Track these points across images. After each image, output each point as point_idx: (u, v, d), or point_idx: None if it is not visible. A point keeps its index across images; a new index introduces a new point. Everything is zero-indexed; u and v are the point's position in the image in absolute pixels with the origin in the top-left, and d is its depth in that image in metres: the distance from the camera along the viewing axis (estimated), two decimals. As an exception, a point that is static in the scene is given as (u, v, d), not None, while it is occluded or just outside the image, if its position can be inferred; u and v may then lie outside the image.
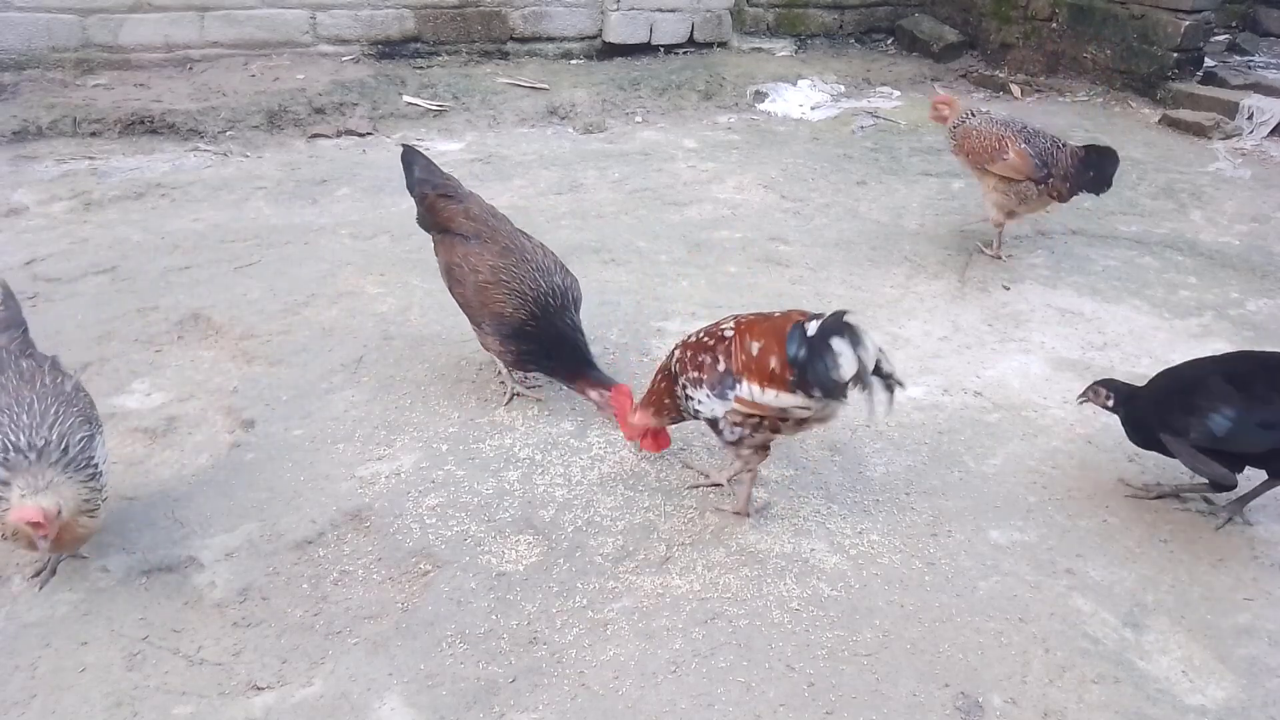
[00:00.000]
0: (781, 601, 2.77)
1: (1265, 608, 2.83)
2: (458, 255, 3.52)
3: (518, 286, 3.39)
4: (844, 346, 2.55)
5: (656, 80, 8.03)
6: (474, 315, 3.54)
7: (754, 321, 2.82)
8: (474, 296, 3.46)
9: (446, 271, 3.60)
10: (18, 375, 2.65)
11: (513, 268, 3.43)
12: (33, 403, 2.54)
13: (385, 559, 2.87)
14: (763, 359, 2.69)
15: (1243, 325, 4.54)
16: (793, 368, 2.63)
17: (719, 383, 2.78)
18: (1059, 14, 8.79)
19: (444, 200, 3.67)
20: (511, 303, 3.38)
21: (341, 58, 7.73)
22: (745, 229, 5.40)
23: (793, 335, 2.64)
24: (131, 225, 5.05)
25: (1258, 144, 7.15)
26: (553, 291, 3.42)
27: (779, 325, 2.72)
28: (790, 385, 2.65)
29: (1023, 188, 4.81)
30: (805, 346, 2.61)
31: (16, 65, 6.79)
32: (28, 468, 2.41)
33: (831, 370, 2.55)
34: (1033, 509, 3.22)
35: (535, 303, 3.38)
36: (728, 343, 2.80)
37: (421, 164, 3.81)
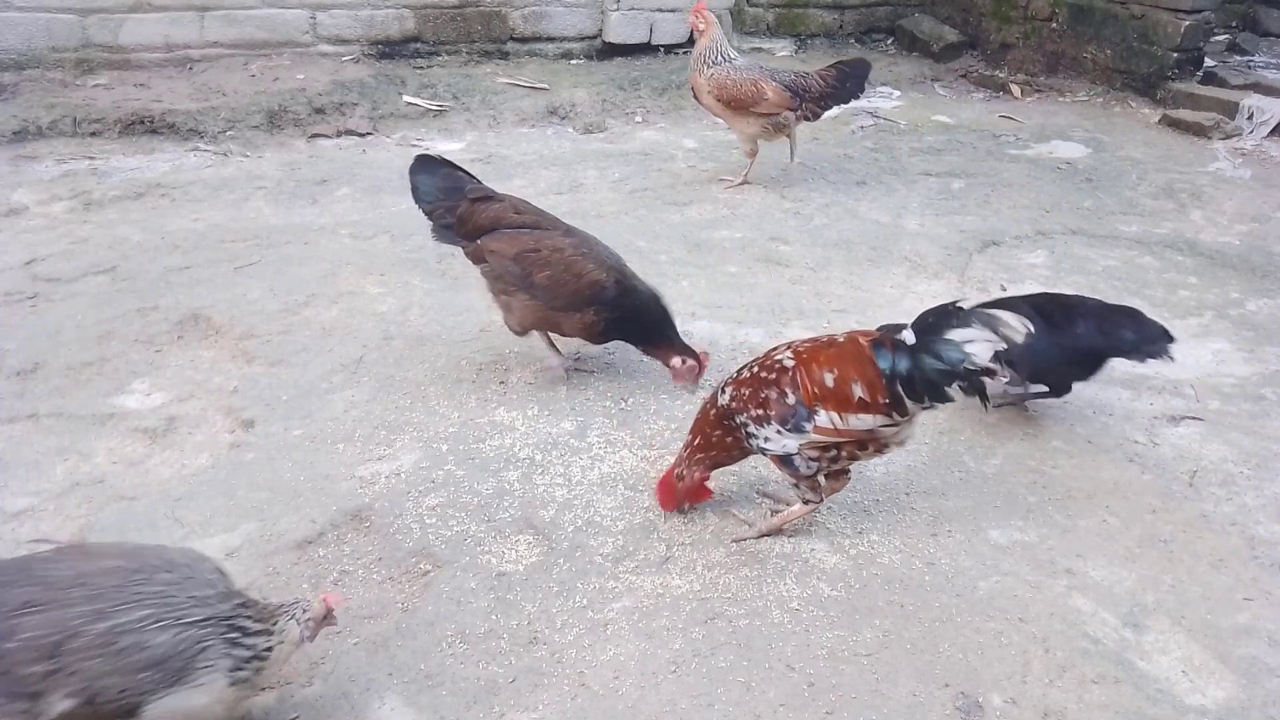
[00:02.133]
0: (781, 601, 2.77)
1: (1265, 608, 2.83)
2: (529, 242, 3.54)
3: (598, 257, 3.56)
4: (968, 334, 2.53)
5: (656, 80, 8.03)
6: (559, 296, 3.52)
7: (815, 349, 2.77)
8: (565, 273, 3.49)
9: (517, 259, 3.53)
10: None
11: (586, 243, 3.58)
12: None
13: (385, 559, 2.87)
14: (842, 388, 2.66)
15: (1242, 325, 4.54)
16: (891, 383, 2.62)
17: (790, 416, 2.72)
18: (1059, 14, 8.79)
19: (484, 203, 3.64)
20: (603, 270, 3.52)
21: (341, 58, 7.73)
22: (745, 229, 5.40)
23: (881, 354, 2.64)
24: (131, 225, 5.05)
25: (1258, 144, 7.15)
26: (622, 264, 3.64)
27: (850, 350, 2.71)
28: (884, 405, 2.64)
29: (781, 118, 5.59)
30: (907, 357, 2.60)
31: (16, 65, 6.79)
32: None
33: (962, 362, 2.52)
34: (1033, 509, 3.22)
35: (618, 270, 3.56)
36: (791, 373, 2.74)
37: (441, 171, 3.70)
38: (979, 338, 2.53)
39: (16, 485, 3.11)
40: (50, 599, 2.00)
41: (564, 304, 3.54)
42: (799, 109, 5.54)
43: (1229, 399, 3.92)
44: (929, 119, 7.76)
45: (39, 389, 3.62)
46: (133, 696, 2.00)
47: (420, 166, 3.72)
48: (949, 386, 2.59)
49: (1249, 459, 3.53)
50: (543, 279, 3.52)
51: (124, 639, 1.99)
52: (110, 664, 1.98)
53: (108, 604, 2.01)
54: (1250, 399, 3.93)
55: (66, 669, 1.95)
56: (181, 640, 2.03)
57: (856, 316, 4.44)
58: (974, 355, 2.53)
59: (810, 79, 5.54)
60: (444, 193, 3.68)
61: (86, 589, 2.02)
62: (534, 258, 3.53)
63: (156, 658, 2.00)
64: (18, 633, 1.95)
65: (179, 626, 2.04)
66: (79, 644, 1.96)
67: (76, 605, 1.99)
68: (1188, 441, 3.63)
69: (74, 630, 1.97)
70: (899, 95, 8.41)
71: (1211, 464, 3.49)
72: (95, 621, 1.98)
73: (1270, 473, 3.45)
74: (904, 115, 7.80)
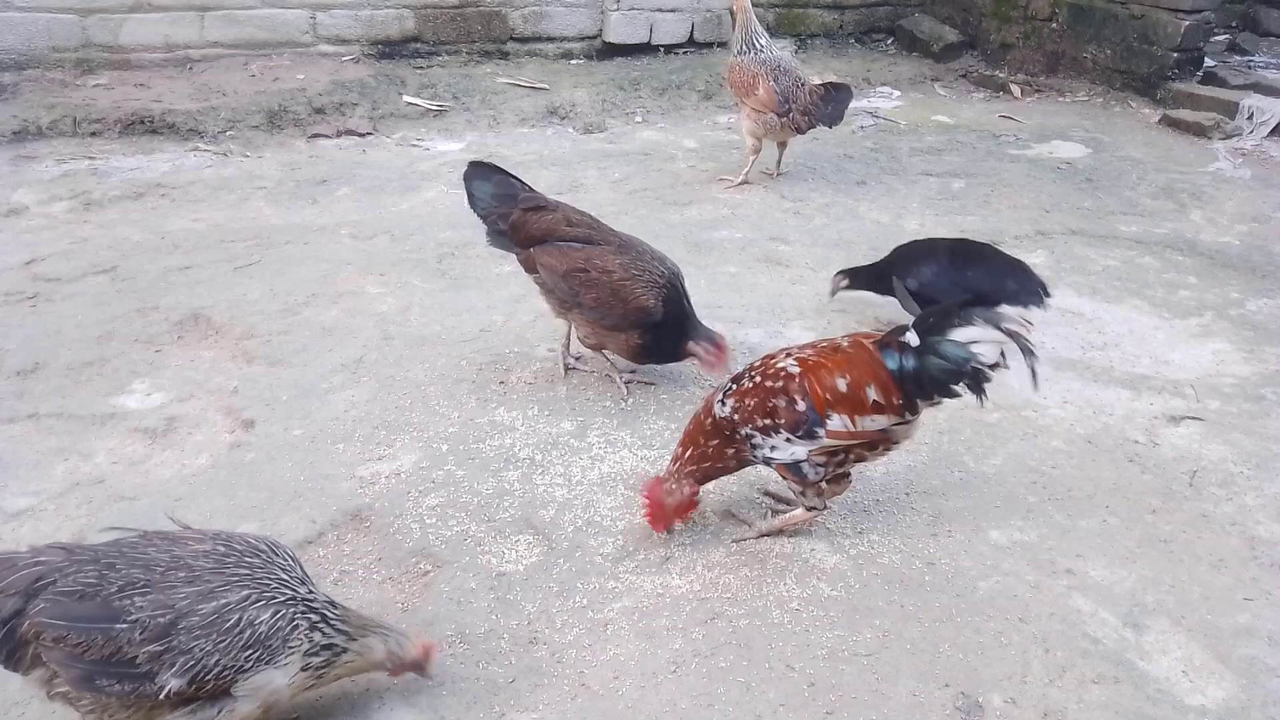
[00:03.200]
0: (781, 601, 2.77)
1: (1265, 608, 2.83)
2: (579, 260, 3.51)
3: (650, 279, 3.49)
4: (972, 333, 2.58)
5: (656, 80, 8.03)
6: (607, 316, 3.50)
7: (822, 355, 2.77)
8: (612, 297, 3.47)
9: (566, 277, 3.52)
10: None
11: (638, 261, 3.52)
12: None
13: (385, 559, 2.87)
14: (856, 392, 2.68)
15: (1242, 325, 4.54)
16: (902, 383, 2.65)
17: (802, 423, 2.71)
18: (1059, 14, 8.79)
19: (536, 213, 3.62)
20: (651, 294, 3.48)
21: (341, 58, 7.73)
22: (745, 229, 5.40)
23: (889, 356, 2.68)
24: (131, 225, 5.05)
25: (1258, 144, 7.15)
26: (673, 276, 3.56)
27: (859, 355, 2.72)
28: (898, 406, 2.68)
29: (768, 119, 5.71)
30: (914, 357, 2.64)
31: (16, 65, 6.79)
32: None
33: (968, 361, 2.57)
34: (1033, 509, 3.22)
35: (666, 289, 3.50)
36: (798, 380, 2.73)
37: (495, 179, 3.69)
38: (983, 337, 2.58)
39: (16, 485, 3.11)
40: (154, 580, 2.05)
41: (612, 325, 3.53)
42: (786, 115, 5.66)
43: (1229, 399, 3.92)
44: (929, 119, 7.77)
45: (39, 389, 3.62)
46: (233, 674, 2.05)
47: (475, 173, 3.71)
48: (956, 384, 2.64)
49: (1249, 459, 3.53)
50: (590, 300, 3.50)
51: (231, 617, 2.05)
52: (219, 642, 2.03)
53: (211, 585, 2.07)
54: (1250, 399, 3.93)
55: (178, 648, 2.00)
56: (279, 618, 2.10)
57: (856, 317, 4.44)
58: (980, 354, 2.58)
59: (803, 90, 5.66)
60: (498, 199, 3.67)
61: (188, 571, 2.08)
62: (583, 278, 3.50)
63: (260, 636, 2.07)
64: (128, 614, 1.99)
65: (276, 605, 2.11)
66: (189, 623, 2.02)
67: (181, 587, 2.05)
68: (1188, 441, 3.63)
69: (185, 610, 2.02)
70: (899, 95, 8.41)
71: (1211, 464, 3.49)
72: (203, 602, 2.04)
73: (1270, 473, 3.45)
74: (904, 115, 7.80)
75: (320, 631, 2.17)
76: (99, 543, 2.17)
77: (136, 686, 1.99)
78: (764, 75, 5.69)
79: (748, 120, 5.86)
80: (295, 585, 2.17)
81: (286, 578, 2.17)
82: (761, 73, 5.70)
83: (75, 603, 1.99)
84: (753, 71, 5.74)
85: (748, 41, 5.85)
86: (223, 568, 2.11)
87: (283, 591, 2.14)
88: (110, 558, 2.07)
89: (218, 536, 2.19)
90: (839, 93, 5.71)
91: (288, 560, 2.23)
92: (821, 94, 5.66)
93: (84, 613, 1.98)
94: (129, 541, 2.15)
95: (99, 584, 2.02)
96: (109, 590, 2.01)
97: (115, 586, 2.02)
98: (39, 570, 2.02)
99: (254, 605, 2.08)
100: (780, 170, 6.22)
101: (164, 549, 2.12)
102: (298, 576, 2.21)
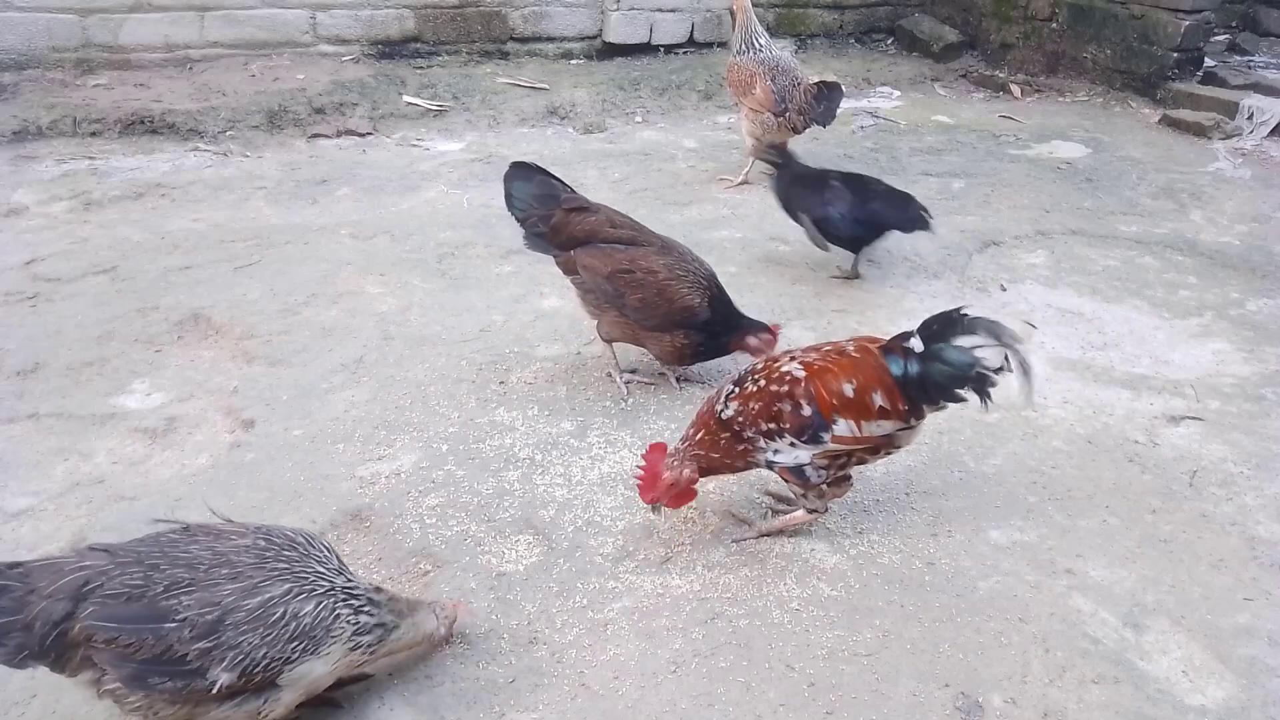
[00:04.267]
0: (781, 601, 2.77)
1: (1265, 608, 2.83)
2: (624, 261, 3.52)
3: (693, 279, 3.53)
4: (975, 340, 2.60)
5: (656, 80, 8.03)
6: (650, 317, 3.52)
7: (828, 359, 2.75)
8: (658, 297, 3.49)
9: (610, 278, 3.52)
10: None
11: (681, 262, 3.55)
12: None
13: (385, 559, 2.87)
14: (862, 397, 2.68)
15: (1242, 325, 4.53)
16: (906, 388, 2.67)
17: (807, 428, 2.71)
18: (1059, 14, 8.80)
19: (579, 214, 3.62)
20: (696, 295, 3.51)
21: (341, 58, 7.73)
22: (745, 229, 5.40)
23: (893, 361, 2.69)
24: (131, 225, 5.05)
25: (1258, 144, 7.15)
26: (711, 275, 3.60)
27: (865, 360, 2.72)
28: (903, 411, 2.70)
29: (765, 118, 5.72)
30: (918, 363, 2.66)
31: (16, 65, 6.79)
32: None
33: (972, 366, 2.60)
34: (1033, 509, 3.22)
35: (708, 289, 3.54)
36: (803, 384, 2.71)
37: (536, 179, 3.67)
38: (986, 344, 2.60)
39: (16, 485, 3.11)
40: (199, 579, 2.07)
41: (654, 325, 3.54)
42: (783, 115, 5.68)
43: (1229, 399, 3.92)
44: (929, 119, 7.77)
45: (39, 389, 3.62)
46: (280, 666, 2.09)
47: (515, 173, 3.69)
48: (960, 389, 2.67)
49: (1249, 459, 3.52)
50: (635, 301, 3.51)
51: (276, 611, 2.09)
52: (265, 636, 2.07)
53: (254, 580, 2.11)
54: (1250, 399, 3.93)
55: (227, 644, 2.04)
56: (321, 609, 2.15)
57: (856, 317, 4.44)
58: (984, 360, 2.60)
59: (799, 90, 5.67)
60: (538, 200, 3.65)
61: (230, 567, 2.11)
62: (628, 279, 3.50)
63: (305, 628, 2.11)
64: (176, 612, 2.02)
65: (318, 597, 2.16)
66: (236, 619, 2.05)
67: (225, 583, 2.08)
68: (1188, 441, 3.62)
69: (231, 606, 2.06)
70: (899, 95, 8.41)
71: (1211, 464, 3.49)
72: (248, 597, 2.08)
73: (1270, 473, 3.45)
74: (904, 115, 7.80)
75: (367, 614, 2.23)
76: (140, 539, 2.18)
77: (188, 683, 2.03)
78: (762, 75, 5.71)
79: (746, 120, 5.90)
80: (333, 576, 2.22)
81: (324, 569, 2.21)
82: (759, 72, 5.73)
83: (123, 605, 2.01)
84: (750, 71, 5.77)
85: (747, 41, 5.87)
86: (263, 562, 2.14)
87: (321, 583, 2.18)
88: (154, 558, 2.09)
89: (258, 530, 2.23)
90: (830, 91, 5.74)
91: (323, 552, 2.27)
92: (815, 93, 5.68)
93: (133, 614, 2.01)
94: (170, 539, 2.17)
95: (145, 585, 2.04)
96: (155, 591, 2.03)
97: (161, 587, 2.04)
98: (85, 574, 2.04)
99: (297, 598, 2.12)
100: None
101: (206, 545, 2.15)
102: (334, 567, 2.25)
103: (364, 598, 2.25)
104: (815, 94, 5.67)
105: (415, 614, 2.36)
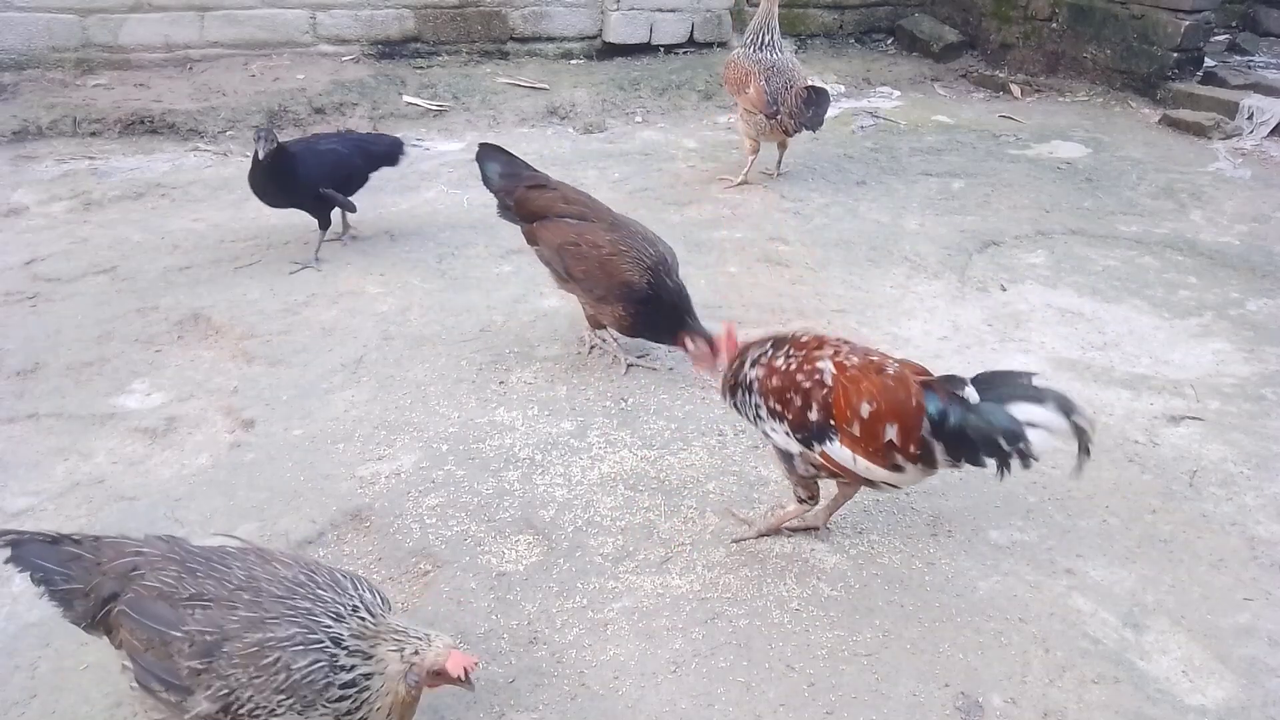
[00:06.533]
0: (781, 601, 2.77)
1: (1265, 608, 2.83)
2: (571, 234, 3.74)
3: (636, 255, 3.66)
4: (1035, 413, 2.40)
5: (656, 80, 8.03)
6: (595, 287, 3.69)
7: (862, 372, 2.60)
8: (599, 269, 3.66)
9: (559, 250, 3.75)
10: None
11: (627, 239, 3.70)
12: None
13: (385, 559, 2.87)
14: (874, 425, 2.53)
15: (1242, 325, 4.53)
16: (935, 433, 2.48)
17: (804, 428, 2.65)
18: (1059, 14, 8.79)
19: (537, 190, 3.91)
20: (636, 270, 3.64)
21: (341, 58, 7.73)
22: (745, 229, 5.40)
23: (931, 399, 2.50)
24: (131, 225, 5.05)
25: (1258, 144, 7.15)
26: (661, 258, 3.70)
27: (895, 391, 2.54)
28: (913, 455, 2.52)
29: (758, 119, 5.71)
30: (960, 409, 2.47)
31: (16, 65, 6.79)
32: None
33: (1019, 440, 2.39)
34: (1033, 509, 3.22)
35: (652, 270, 3.65)
36: (826, 391, 2.60)
37: (502, 159, 4.04)
38: (1043, 421, 2.40)
39: (16, 485, 3.12)
40: (219, 597, 2.02)
41: (599, 296, 3.71)
42: (775, 117, 5.65)
43: (1229, 399, 3.92)
44: (929, 119, 7.77)
45: (39, 389, 3.62)
46: (265, 715, 1.96)
47: (485, 153, 4.07)
48: (989, 455, 2.47)
49: (1249, 459, 3.52)
50: (579, 272, 3.71)
51: (271, 654, 1.96)
52: (254, 677, 1.95)
53: (266, 614, 2.00)
54: (1250, 399, 3.92)
55: (217, 672, 1.95)
56: (314, 669, 1.96)
57: (856, 317, 4.44)
58: (1034, 444, 2.41)
59: (791, 92, 5.64)
60: (504, 178, 4.01)
61: (254, 594, 2.03)
62: (574, 251, 3.72)
63: (293, 682, 1.95)
64: (184, 623, 1.99)
65: (314, 652, 1.98)
66: (231, 649, 1.96)
67: (239, 609, 2.01)
68: (1188, 441, 3.62)
69: (231, 634, 1.97)
70: (899, 95, 8.41)
71: (1211, 464, 3.49)
72: (251, 630, 1.98)
73: (1270, 473, 3.45)
74: (904, 115, 7.80)
75: (341, 670, 2.00)
76: (203, 544, 2.17)
77: (180, 699, 1.98)
78: (757, 74, 5.67)
79: (741, 120, 5.90)
80: (354, 629, 2.02)
81: (348, 620, 2.02)
82: (755, 71, 5.69)
83: (152, 600, 2.01)
84: (746, 69, 5.73)
85: (757, 34, 5.79)
86: (288, 597, 2.02)
87: (324, 634, 1.99)
88: (194, 563, 2.07)
89: (307, 565, 2.14)
90: (819, 97, 5.69)
91: (365, 599, 2.10)
92: (804, 98, 5.64)
93: (155, 612, 2.00)
94: (222, 551, 2.13)
95: (174, 587, 2.02)
96: (179, 595, 2.01)
97: (185, 594, 2.01)
98: (136, 560, 2.06)
99: (294, 648, 1.96)
100: (780, 170, 6.21)
101: (246, 567, 2.09)
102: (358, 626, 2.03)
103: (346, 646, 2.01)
104: (804, 99, 5.64)
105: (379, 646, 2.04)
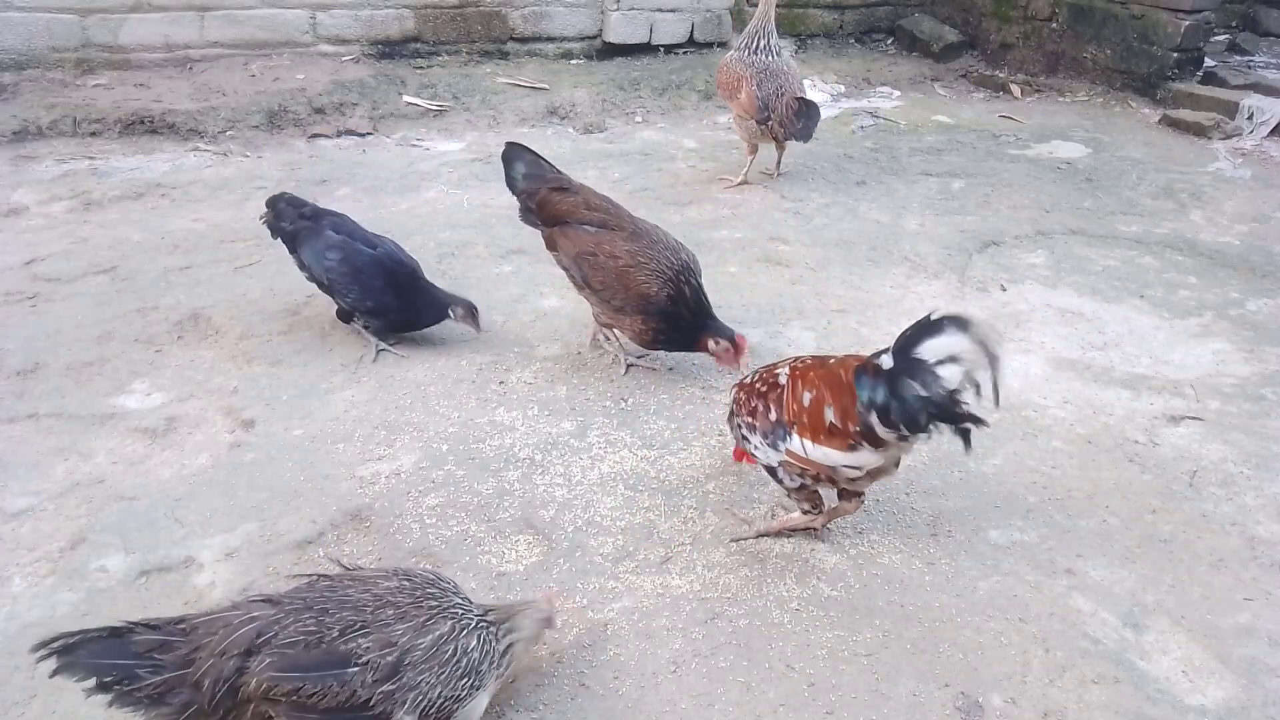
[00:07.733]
0: (781, 601, 2.77)
1: (1265, 608, 2.83)
2: (589, 244, 3.66)
3: (656, 267, 3.59)
4: (944, 343, 2.29)
5: (656, 80, 8.03)
6: (613, 299, 3.64)
7: (809, 367, 2.72)
8: (616, 281, 3.60)
9: (576, 259, 3.68)
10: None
11: (647, 250, 3.62)
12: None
13: (385, 559, 2.87)
14: (815, 409, 2.59)
15: (1242, 325, 4.53)
16: (867, 414, 2.44)
17: (770, 432, 2.72)
18: (1059, 14, 8.80)
19: (559, 194, 3.79)
20: (655, 283, 3.57)
21: (341, 58, 7.73)
22: (745, 229, 5.40)
23: (861, 381, 2.46)
24: (131, 225, 5.05)
25: (1258, 144, 7.15)
26: (685, 268, 3.63)
27: (834, 372, 2.60)
28: (852, 440, 2.52)
29: (750, 124, 5.68)
30: (884, 381, 2.41)
31: (16, 65, 6.79)
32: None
33: (929, 386, 2.30)
34: (1033, 509, 3.22)
35: (673, 281, 3.58)
36: (780, 390, 2.72)
37: (528, 160, 3.91)
38: (948, 349, 2.30)
39: (16, 485, 3.11)
40: (369, 620, 2.04)
41: (618, 307, 3.65)
42: (765, 123, 5.62)
43: (1229, 399, 3.92)
44: (929, 119, 7.77)
45: (39, 389, 3.62)
46: (453, 704, 2.07)
47: (511, 152, 3.94)
48: (919, 409, 2.37)
49: (1249, 459, 3.53)
50: (597, 283, 3.65)
51: (448, 649, 2.08)
52: (440, 675, 2.06)
53: (419, 619, 2.09)
54: (1250, 399, 3.93)
55: (408, 685, 2.01)
56: (485, 643, 2.15)
57: (856, 317, 4.44)
58: (945, 378, 2.31)
59: (784, 99, 5.58)
60: (528, 179, 3.89)
61: (394, 608, 2.07)
62: (591, 261, 3.65)
63: (474, 663, 2.11)
64: (358, 655, 1.98)
65: (478, 631, 2.15)
66: (414, 659, 2.03)
67: (395, 624, 2.06)
68: (1188, 441, 3.62)
69: (408, 646, 2.04)
70: (899, 95, 8.41)
71: (1211, 464, 3.49)
72: (420, 636, 2.06)
73: (1270, 473, 3.45)
74: (904, 115, 7.80)
75: (500, 641, 2.22)
76: (295, 588, 2.16)
77: None
78: (749, 79, 5.59)
79: (736, 124, 5.90)
80: (475, 609, 2.21)
81: (466, 603, 2.20)
82: (747, 75, 5.61)
83: (303, 652, 1.96)
84: (738, 74, 5.66)
85: (752, 37, 5.75)
86: (420, 601, 2.12)
87: (469, 617, 2.17)
88: (320, 603, 2.05)
89: (396, 572, 2.19)
90: (809, 109, 5.63)
91: (448, 584, 2.24)
92: (795, 109, 5.57)
93: (315, 661, 1.96)
94: (325, 584, 2.13)
95: (320, 630, 2.00)
96: (331, 635, 1.99)
97: (336, 631, 2.00)
98: (257, 626, 1.99)
99: (461, 635, 2.11)
100: (780, 170, 6.21)
101: (361, 589, 2.11)
102: (464, 599, 2.23)
103: (496, 625, 2.23)
104: (795, 110, 5.58)
105: (514, 618, 2.29)
